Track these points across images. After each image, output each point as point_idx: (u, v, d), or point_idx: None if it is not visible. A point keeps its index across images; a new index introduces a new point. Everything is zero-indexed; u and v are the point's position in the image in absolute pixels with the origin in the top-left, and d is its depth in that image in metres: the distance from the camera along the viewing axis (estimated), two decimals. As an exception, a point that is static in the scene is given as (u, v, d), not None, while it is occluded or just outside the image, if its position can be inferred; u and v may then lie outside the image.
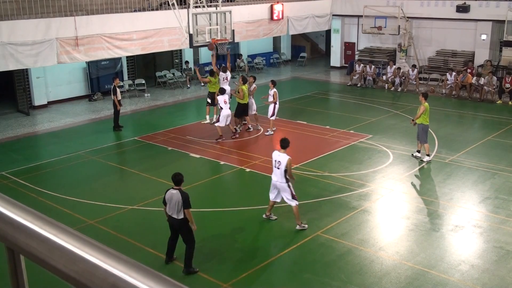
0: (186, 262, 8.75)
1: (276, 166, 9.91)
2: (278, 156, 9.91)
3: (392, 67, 23.85)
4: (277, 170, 9.92)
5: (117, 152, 16.08)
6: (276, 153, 10.03)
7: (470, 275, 8.66)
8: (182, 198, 8.48)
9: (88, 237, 0.95)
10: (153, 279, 0.85)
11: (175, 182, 8.68)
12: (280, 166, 9.84)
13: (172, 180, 8.74)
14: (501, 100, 20.81)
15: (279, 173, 9.88)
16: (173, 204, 8.52)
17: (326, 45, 32.96)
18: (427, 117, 13.83)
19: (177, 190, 8.58)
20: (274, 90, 16.50)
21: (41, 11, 17.63)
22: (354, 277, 8.66)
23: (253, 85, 17.13)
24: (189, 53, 25.68)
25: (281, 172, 9.85)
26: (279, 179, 9.95)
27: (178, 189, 8.61)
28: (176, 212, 8.55)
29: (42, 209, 10.61)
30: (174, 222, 8.68)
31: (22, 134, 17.52)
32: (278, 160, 9.87)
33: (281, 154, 9.88)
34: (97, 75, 22.44)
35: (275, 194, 10.25)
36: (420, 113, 13.72)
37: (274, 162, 9.95)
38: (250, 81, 17.08)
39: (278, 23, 25.48)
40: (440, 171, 13.39)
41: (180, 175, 8.76)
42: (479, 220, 10.70)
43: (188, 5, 17.15)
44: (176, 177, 8.72)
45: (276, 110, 16.65)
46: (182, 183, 8.73)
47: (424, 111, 13.68)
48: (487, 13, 23.02)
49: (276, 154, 10.00)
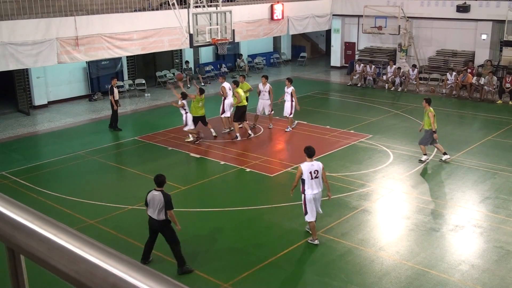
0: (178, 262, 8.72)
1: (314, 176, 9.27)
2: (312, 166, 9.27)
3: (392, 67, 23.85)
4: (316, 181, 9.31)
5: (117, 152, 16.08)
6: (307, 164, 9.32)
7: (470, 275, 8.66)
8: (165, 199, 8.44)
9: (88, 237, 0.95)
10: (153, 279, 0.85)
11: (158, 183, 8.63)
12: (318, 175, 9.31)
13: (155, 181, 8.69)
14: (501, 100, 20.81)
15: (317, 182, 9.34)
16: (155, 205, 8.47)
17: (326, 45, 32.96)
18: (435, 122, 13.78)
19: (160, 192, 8.53)
20: (292, 88, 16.55)
21: (41, 11, 17.63)
22: (354, 277, 8.66)
23: (267, 85, 16.98)
24: (189, 53, 25.68)
25: (320, 180, 9.36)
26: (317, 189, 9.37)
27: (161, 191, 8.56)
28: (156, 214, 8.50)
29: (42, 209, 10.61)
30: (154, 223, 8.63)
31: (22, 134, 17.52)
32: (315, 170, 9.26)
33: (315, 163, 9.35)
34: (97, 75, 22.45)
35: (313, 211, 9.46)
36: (433, 119, 13.52)
37: (310, 174, 9.24)
38: (263, 82, 17.03)
39: (278, 23, 25.48)
40: (440, 171, 13.39)
41: (162, 176, 8.71)
42: (479, 220, 10.70)
43: (188, 5, 17.14)
44: (158, 178, 8.66)
45: (292, 108, 16.70)
46: (165, 184, 8.69)
47: (434, 116, 13.56)
48: (487, 13, 23.02)
49: (308, 165, 9.30)
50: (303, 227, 10.40)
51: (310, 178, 9.24)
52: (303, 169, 9.26)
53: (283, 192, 12.65)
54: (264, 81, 17.07)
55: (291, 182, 12.98)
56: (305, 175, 9.25)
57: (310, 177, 9.24)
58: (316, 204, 9.49)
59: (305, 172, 9.24)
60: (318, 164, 9.38)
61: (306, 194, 9.35)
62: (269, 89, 16.97)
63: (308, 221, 9.55)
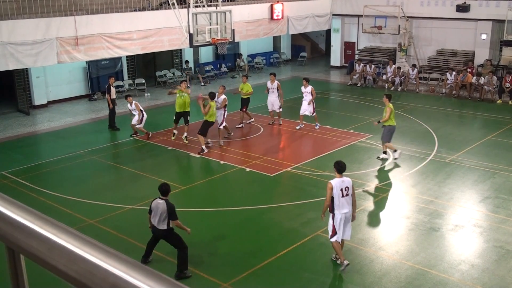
0: (180, 266, 8.55)
1: (345, 194, 8.46)
2: (343, 183, 8.47)
3: (392, 66, 23.85)
4: (346, 199, 8.48)
5: (117, 151, 16.08)
6: (338, 180, 8.50)
7: (470, 274, 8.66)
8: (168, 209, 8.28)
9: (88, 237, 0.95)
10: (153, 279, 0.85)
11: (162, 192, 8.48)
12: (348, 192, 8.50)
13: (159, 190, 8.53)
14: (501, 99, 20.81)
15: (348, 200, 8.51)
16: (158, 214, 8.34)
17: (326, 45, 32.95)
18: (393, 118, 13.87)
19: (164, 201, 8.39)
20: (310, 87, 16.64)
21: (41, 10, 17.63)
22: (354, 276, 8.66)
23: (275, 82, 17.33)
24: (189, 52, 25.67)
25: (350, 198, 8.54)
26: (348, 208, 8.53)
27: (165, 200, 8.42)
28: (159, 223, 8.38)
29: (42, 208, 10.61)
30: (157, 232, 8.52)
31: (22, 133, 17.52)
32: (346, 186, 8.47)
33: (345, 179, 8.56)
34: (97, 74, 22.44)
35: (341, 231, 8.64)
36: (388, 115, 13.70)
37: (341, 191, 8.42)
38: (272, 79, 17.32)
39: (278, 22, 25.47)
40: (440, 171, 13.39)
41: (167, 185, 8.55)
42: (479, 219, 10.71)
43: (188, 5, 17.14)
44: (162, 187, 8.51)
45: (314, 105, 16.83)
46: (169, 193, 8.54)
47: (391, 112, 13.69)
48: (487, 12, 23.02)
49: (339, 181, 8.48)
50: (303, 227, 10.40)
51: (340, 195, 8.43)
52: (333, 185, 8.43)
53: (283, 192, 12.66)
54: (272, 78, 17.39)
55: (291, 182, 13.05)
56: (335, 192, 8.40)
57: (341, 194, 8.43)
58: (345, 226, 8.64)
59: (335, 189, 8.41)
60: (348, 180, 8.60)
61: (335, 214, 8.50)
62: (278, 85, 17.30)
63: (333, 241, 8.68)
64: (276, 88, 17.26)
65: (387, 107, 13.76)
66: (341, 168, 8.60)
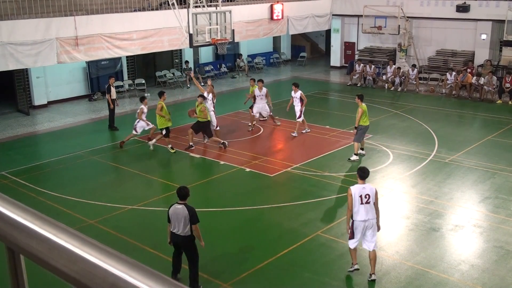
0: (192, 283, 8.07)
1: (365, 201, 8.22)
2: (363, 189, 8.25)
3: (392, 66, 23.85)
4: (366, 206, 8.24)
5: (117, 151, 16.07)
6: (357, 187, 8.31)
7: (470, 274, 8.66)
8: (189, 213, 7.85)
9: (88, 237, 0.95)
10: (153, 279, 0.85)
11: (181, 196, 7.99)
12: (370, 199, 8.24)
13: (177, 194, 8.03)
14: (501, 99, 20.81)
15: (369, 208, 8.27)
16: (180, 220, 7.89)
17: (326, 45, 32.96)
18: (366, 118, 13.94)
19: (183, 205, 7.92)
20: (300, 92, 16.32)
21: (41, 10, 17.62)
22: (354, 276, 8.66)
23: (263, 89, 16.84)
24: (189, 53, 25.67)
25: (372, 206, 8.28)
26: (369, 216, 8.27)
27: (184, 204, 7.95)
28: (182, 229, 7.93)
29: (42, 208, 10.62)
30: (179, 240, 8.02)
31: (22, 134, 17.52)
32: (366, 194, 8.22)
33: (366, 186, 8.33)
34: (97, 74, 22.44)
35: (358, 238, 8.44)
36: (359, 116, 13.76)
37: (360, 198, 8.20)
38: (259, 86, 16.81)
39: (278, 23, 25.47)
40: (440, 171, 13.39)
41: (186, 189, 8.05)
42: (479, 219, 10.71)
43: (188, 5, 17.14)
44: (182, 191, 8.00)
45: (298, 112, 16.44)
46: (188, 197, 8.05)
47: (362, 113, 13.72)
48: (487, 12, 23.02)
49: (358, 188, 8.29)
50: (303, 227, 10.41)
51: (359, 202, 8.22)
52: (352, 191, 8.25)
53: (283, 192, 12.66)
54: (260, 85, 16.92)
55: (291, 182, 13.06)
56: (354, 198, 8.22)
57: (360, 201, 8.22)
58: (366, 235, 8.40)
59: (355, 195, 8.22)
60: (371, 188, 8.35)
61: (355, 220, 8.32)
62: (266, 93, 16.90)
63: (350, 246, 8.58)
64: (264, 95, 16.85)
65: (358, 108, 13.84)
66: (364, 174, 8.41)
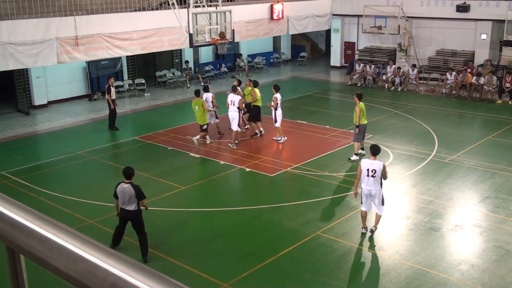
0: (143, 251, 9.07)
1: (371, 174, 9.54)
2: (371, 165, 9.54)
3: (392, 66, 23.85)
4: (371, 179, 9.56)
5: (117, 151, 16.08)
6: (367, 161, 9.63)
7: (470, 274, 8.66)
8: (135, 191, 8.85)
9: (88, 237, 0.95)
10: (153, 279, 0.85)
11: (126, 175, 9.03)
12: (375, 174, 9.51)
13: (123, 174, 9.11)
14: (501, 99, 20.81)
15: (374, 181, 9.57)
16: (126, 197, 8.87)
17: (326, 45, 32.96)
18: (364, 117, 13.95)
19: (129, 184, 8.93)
20: (276, 96, 15.72)
21: (41, 10, 17.62)
22: (354, 276, 8.67)
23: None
24: (189, 52, 25.68)
25: (377, 179, 9.56)
26: (373, 187, 9.61)
27: (130, 183, 8.94)
28: (129, 204, 8.92)
29: (42, 208, 10.62)
30: (128, 215, 9.02)
31: (22, 133, 17.52)
32: (373, 169, 9.51)
33: (375, 162, 9.57)
34: (97, 74, 22.44)
35: (368, 204, 9.88)
36: (358, 115, 13.77)
37: (367, 171, 9.54)
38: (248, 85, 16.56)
39: (278, 22, 25.47)
40: (440, 171, 13.39)
41: (130, 169, 9.10)
42: (479, 219, 10.71)
43: (188, 5, 17.14)
44: (127, 171, 9.07)
45: (277, 116, 15.70)
46: (133, 176, 9.08)
47: (360, 112, 13.71)
48: (487, 12, 23.02)
49: (368, 162, 9.60)
50: (303, 227, 10.41)
51: (366, 174, 9.58)
52: (361, 165, 9.65)
53: (283, 192, 12.66)
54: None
55: (291, 182, 13.06)
56: (362, 170, 9.58)
57: (367, 173, 9.57)
58: (374, 200, 9.76)
59: (363, 168, 9.59)
60: (379, 164, 9.56)
61: (362, 188, 9.73)
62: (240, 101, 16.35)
63: (361, 209, 9.97)
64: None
65: (356, 107, 13.83)
66: (375, 151, 9.68)
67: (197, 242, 9.92)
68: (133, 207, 8.94)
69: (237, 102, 15.35)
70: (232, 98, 15.49)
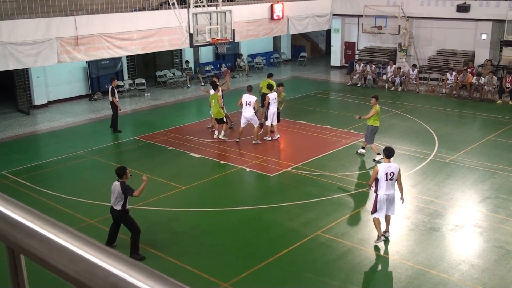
0: (131, 249, 9.09)
1: (389, 178, 9.22)
2: (389, 168, 9.23)
3: (392, 66, 23.85)
4: (390, 182, 9.27)
5: (117, 151, 16.08)
6: (384, 165, 9.27)
7: (470, 274, 8.66)
8: (122, 189, 8.98)
9: (89, 237, 0.95)
10: (153, 278, 0.85)
11: (117, 175, 9.24)
12: (393, 177, 9.25)
13: (116, 173, 9.31)
14: (501, 99, 20.81)
15: (392, 184, 9.31)
16: (114, 195, 9.09)
17: (326, 45, 32.96)
18: (378, 119, 13.94)
19: (119, 183, 9.08)
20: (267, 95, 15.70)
21: (41, 10, 17.63)
22: (354, 276, 8.66)
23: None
24: (189, 52, 25.68)
25: (394, 182, 9.33)
26: (391, 190, 9.34)
27: (120, 182, 9.09)
28: (115, 204, 9.10)
29: (42, 208, 10.61)
30: (113, 213, 9.23)
31: (22, 133, 17.52)
32: (391, 172, 9.21)
33: (392, 165, 9.29)
34: (97, 74, 22.44)
35: (385, 210, 9.47)
36: (371, 115, 13.77)
37: (385, 175, 9.19)
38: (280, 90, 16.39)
39: (278, 22, 25.48)
40: (440, 171, 13.39)
41: (121, 168, 9.27)
42: (479, 219, 10.71)
43: (188, 5, 17.15)
44: (117, 171, 9.30)
45: (269, 115, 15.68)
46: (124, 176, 9.21)
47: (375, 113, 13.74)
48: (487, 12, 23.02)
49: (385, 166, 9.25)
50: (303, 227, 10.41)
51: (385, 179, 9.20)
52: (379, 169, 9.23)
53: (283, 192, 12.66)
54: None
55: (291, 182, 13.05)
56: (380, 175, 9.21)
57: (385, 178, 9.20)
58: (388, 205, 9.42)
59: (381, 172, 9.21)
60: (395, 166, 9.31)
61: (379, 194, 9.34)
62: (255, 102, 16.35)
63: (374, 217, 9.55)
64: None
65: (373, 108, 13.83)
66: (389, 154, 9.38)
67: (197, 242, 9.92)
68: (119, 207, 9.08)
69: (253, 102, 15.45)
70: (248, 98, 15.51)
